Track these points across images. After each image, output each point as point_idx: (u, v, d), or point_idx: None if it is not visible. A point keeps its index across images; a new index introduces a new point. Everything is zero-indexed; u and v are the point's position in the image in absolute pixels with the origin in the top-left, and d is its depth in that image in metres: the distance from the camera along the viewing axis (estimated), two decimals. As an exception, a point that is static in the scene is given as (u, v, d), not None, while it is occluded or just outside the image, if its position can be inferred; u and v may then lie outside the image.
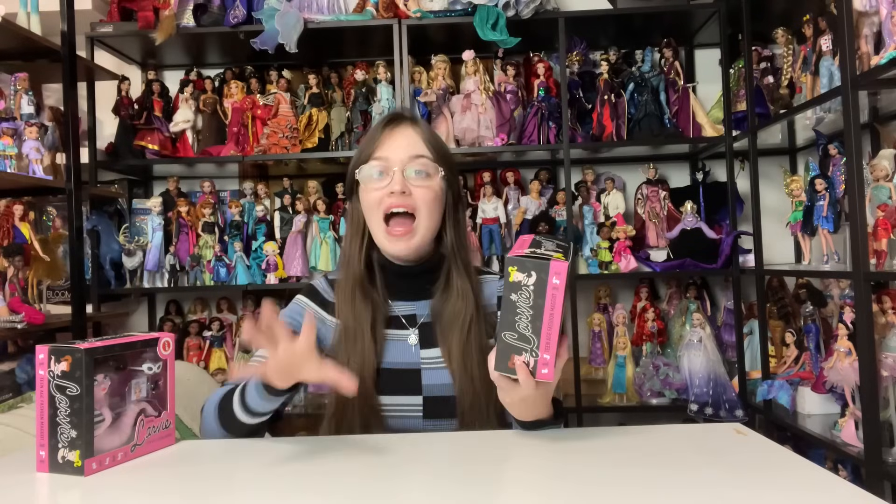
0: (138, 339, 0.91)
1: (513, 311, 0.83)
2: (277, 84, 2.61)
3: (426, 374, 1.11)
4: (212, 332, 2.61)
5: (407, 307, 1.16)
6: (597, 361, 2.59)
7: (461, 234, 1.16)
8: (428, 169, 1.11)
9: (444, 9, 2.47)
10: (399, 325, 1.15)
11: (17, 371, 2.11)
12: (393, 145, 1.12)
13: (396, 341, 1.14)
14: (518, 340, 0.84)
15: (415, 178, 1.10)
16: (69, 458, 0.82)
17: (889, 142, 2.07)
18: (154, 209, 2.56)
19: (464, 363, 1.08)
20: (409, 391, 1.10)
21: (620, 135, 2.50)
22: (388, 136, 1.13)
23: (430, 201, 1.10)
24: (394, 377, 1.11)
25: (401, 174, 1.09)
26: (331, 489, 0.77)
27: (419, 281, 1.15)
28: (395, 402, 1.09)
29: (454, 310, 1.11)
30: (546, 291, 0.82)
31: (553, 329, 0.82)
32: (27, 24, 2.19)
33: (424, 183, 1.10)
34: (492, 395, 1.05)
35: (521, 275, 0.82)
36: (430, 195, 1.10)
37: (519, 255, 0.83)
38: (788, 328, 2.29)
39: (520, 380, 0.85)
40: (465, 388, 1.08)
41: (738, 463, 0.82)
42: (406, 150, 1.11)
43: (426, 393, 1.10)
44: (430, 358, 1.12)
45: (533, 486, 0.77)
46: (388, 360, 1.12)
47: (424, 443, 0.96)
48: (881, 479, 1.65)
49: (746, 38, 2.31)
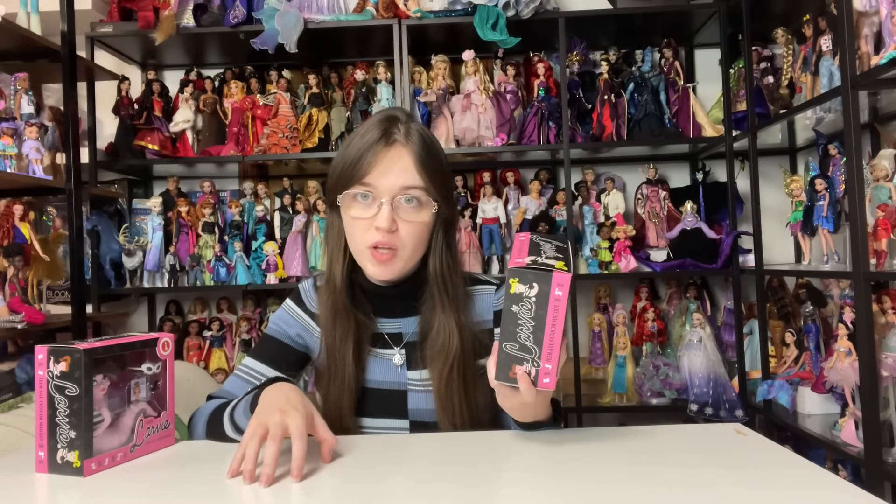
0: (138, 340, 0.91)
1: (514, 322, 0.81)
2: (277, 84, 2.61)
3: (412, 397, 1.07)
4: (212, 333, 2.61)
5: (392, 325, 1.11)
6: (597, 361, 2.59)
7: (452, 259, 1.07)
8: (419, 198, 1.00)
9: (444, 9, 2.47)
10: (384, 343, 1.10)
11: (16, 371, 2.12)
12: (382, 172, 0.99)
13: (381, 360, 1.09)
14: (519, 351, 0.82)
15: (404, 207, 1.00)
16: (68, 458, 0.82)
17: (889, 142, 2.07)
18: (154, 209, 2.56)
19: (446, 394, 1.03)
20: (394, 414, 1.07)
21: (620, 135, 2.50)
22: (378, 157, 1.00)
23: (416, 236, 1.01)
24: (379, 398, 1.07)
25: (388, 207, 0.98)
26: (330, 489, 0.77)
27: (404, 299, 1.08)
28: (380, 426, 1.07)
29: (436, 344, 1.04)
30: (548, 303, 0.80)
31: (555, 339, 0.81)
32: (27, 24, 2.19)
33: (413, 217, 1.00)
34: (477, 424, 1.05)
35: (523, 286, 0.80)
36: (418, 230, 1.01)
37: (521, 267, 0.81)
38: (788, 328, 2.29)
39: (521, 389, 0.83)
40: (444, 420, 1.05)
41: (738, 463, 0.81)
42: (396, 178, 0.99)
43: (412, 417, 1.07)
44: (416, 380, 1.08)
45: (532, 486, 0.76)
46: (373, 380, 1.08)
47: (424, 443, 0.96)
48: (881, 479, 1.65)
49: (746, 38, 2.31)
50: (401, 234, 1.00)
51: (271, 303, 2.73)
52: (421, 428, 1.06)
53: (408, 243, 1.01)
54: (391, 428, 1.07)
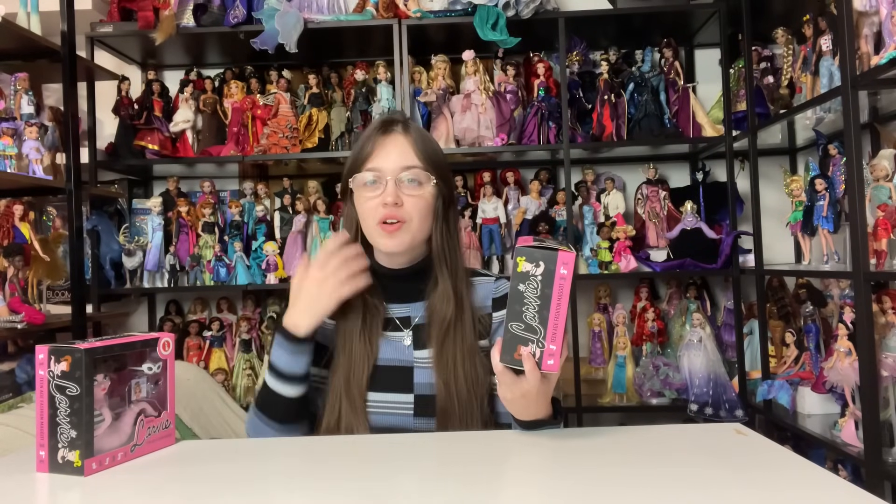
0: (138, 339, 0.91)
1: (520, 301, 0.84)
2: (277, 84, 2.61)
3: (418, 373, 1.13)
4: (212, 332, 2.61)
5: (402, 309, 1.18)
6: (597, 361, 2.59)
7: (451, 237, 1.19)
8: (419, 178, 1.13)
9: (444, 9, 2.47)
10: (395, 327, 1.17)
11: (17, 371, 2.11)
12: (385, 155, 1.14)
13: (392, 342, 1.16)
14: (525, 331, 0.85)
15: (407, 186, 1.13)
16: (69, 458, 0.82)
17: (889, 142, 2.07)
18: (154, 209, 2.56)
19: (444, 364, 1.10)
20: (400, 389, 1.12)
21: (620, 135, 2.50)
22: (380, 144, 1.15)
23: (421, 209, 1.13)
24: (387, 374, 1.13)
25: (393, 184, 1.12)
26: (330, 489, 0.77)
27: (412, 283, 1.18)
28: (385, 399, 1.11)
29: (436, 311, 1.14)
30: (554, 281, 0.83)
31: (560, 320, 0.84)
32: (27, 24, 2.19)
33: (416, 192, 1.13)
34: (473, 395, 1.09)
35: (530, 265, 0.83)
36: (422, 203, 1.13)
37: (528, 245, 0.84)
38: (788, 328, 2.29)
39: (525, 371, 0.87)
40: (442, 388, 1.10)
41: (738, 463, 0.82)
42: (397, 159, 1.13)
43: (417, 391, 1.12)
44: (423, 358, 1.14)
45: (533, 485, 0.76)
46: (383, 358, 1.14)
47: (423, 443, 0.97)
48: (881, 479, 1.65)
49: (746, 38, 2.31)
50: (406, 208, 1.12)
51: (271, 303, 2.72)
52: (425, 402, 1.11)
53: (414, 216, 1.12)
54: (397, 402, 1.12)
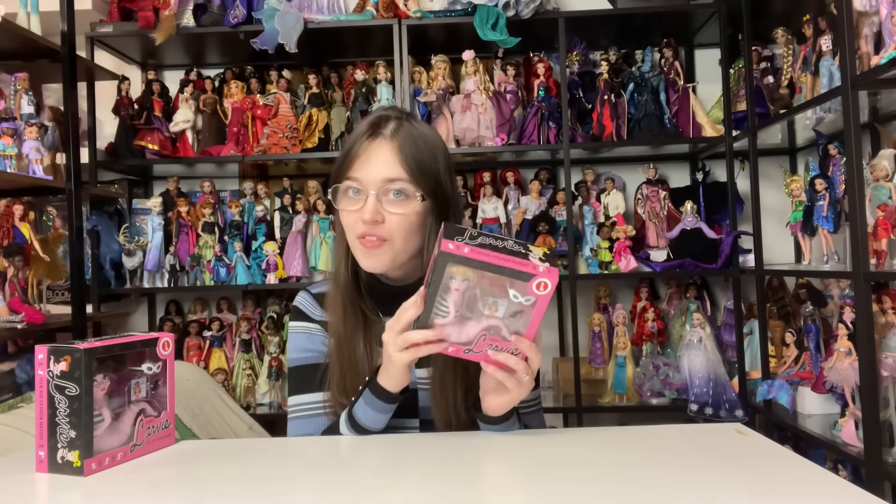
0: (138, 339, 0.91)
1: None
2: (277, 84, 2.61)
3: (423, 396, 1.06)
4: (212, 332, 2.61)
5: None
6: (597, 361, 2.59)
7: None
8: (405, 191, 1.01)
9: (444, 9, 2.47)
10: None
11: (16, 371, 2.12)
12: (368, 165, 1.02)
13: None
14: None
15: (391, 200, 1.01)
16: (68, 458, 0.82)
17: (889, 142, 2.07)
18: (154, 209, 2.56)
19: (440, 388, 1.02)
20: (405, 413, 1.04)
21: (620, 135, 2.50)
22: (364, 151, 1.03)
23: (405, 228, 1.01)
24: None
25: (374, 199, 1.00)
26: (330, 488, 0.77)
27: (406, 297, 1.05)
28: (391, 425, 1.01)
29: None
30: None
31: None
32: (27, 24, 2.19)
33: (399, 209, 1.01)
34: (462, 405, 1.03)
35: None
36: (406, 222, 1.01)
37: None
38: (788, 328, 2.29)
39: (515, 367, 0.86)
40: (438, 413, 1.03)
41: (738, 463, 0.81)
42: (381, 170, 1.01)
43: (423, 416, 1.06)
44: (424, 378, 1.06)
45: (532, 485, 0.76)
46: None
47: (422, 443, 0.96)
48: (881, 479, 1.65)
49: (746, 38, 2.31)
50: (388, 226, 1.01)
51: (271, 303, 2.73)
52: (431, 427, 1.05)
53: (396, 235, 1.01)
54: (402, 427, 1.06)
